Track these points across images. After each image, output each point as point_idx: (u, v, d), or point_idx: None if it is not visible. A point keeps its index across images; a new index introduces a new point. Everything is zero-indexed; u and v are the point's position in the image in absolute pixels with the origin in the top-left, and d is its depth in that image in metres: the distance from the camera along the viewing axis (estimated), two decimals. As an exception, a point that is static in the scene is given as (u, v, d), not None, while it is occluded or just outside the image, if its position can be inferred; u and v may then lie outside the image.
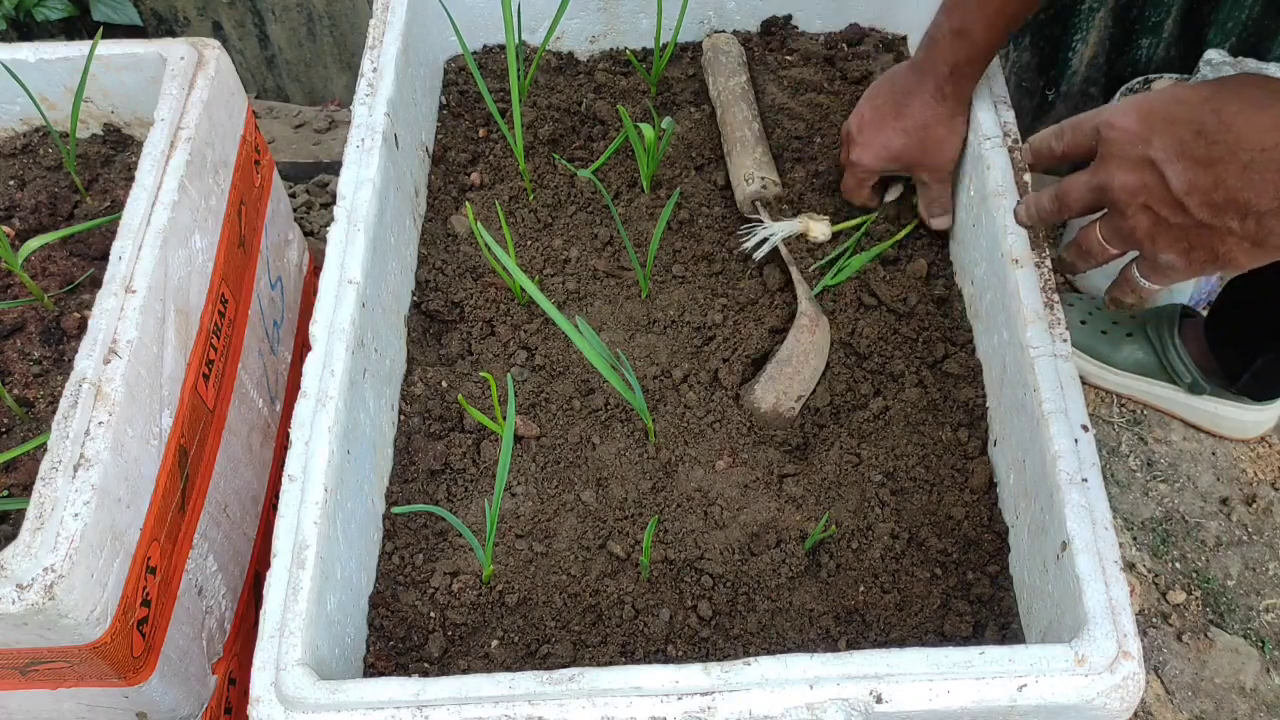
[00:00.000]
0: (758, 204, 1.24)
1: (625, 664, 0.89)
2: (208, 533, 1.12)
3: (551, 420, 1.11)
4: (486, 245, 1.01)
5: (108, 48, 1.25)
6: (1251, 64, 1.63)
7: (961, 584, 1.00)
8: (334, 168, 1.98)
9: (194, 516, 1.10)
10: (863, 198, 1.24)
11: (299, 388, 0.97)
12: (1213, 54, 1.65)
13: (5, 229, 1.25)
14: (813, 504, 1.05)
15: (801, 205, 1.26)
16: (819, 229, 1.21)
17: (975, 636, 0.97)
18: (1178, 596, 1.49)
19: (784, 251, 1.20)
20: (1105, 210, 0.78)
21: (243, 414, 1.24)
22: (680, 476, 1.07)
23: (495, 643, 0.97)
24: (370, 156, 1.13)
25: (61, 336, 1.16)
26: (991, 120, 1.14)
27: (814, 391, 1.13)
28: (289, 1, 2.00)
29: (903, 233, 1.23)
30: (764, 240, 1.20)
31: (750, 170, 1.25)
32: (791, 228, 1.20)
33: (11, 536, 0.96)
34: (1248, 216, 0.67)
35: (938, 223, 1.22)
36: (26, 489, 1.03)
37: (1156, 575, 1.51)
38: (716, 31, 1.46)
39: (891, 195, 1.26)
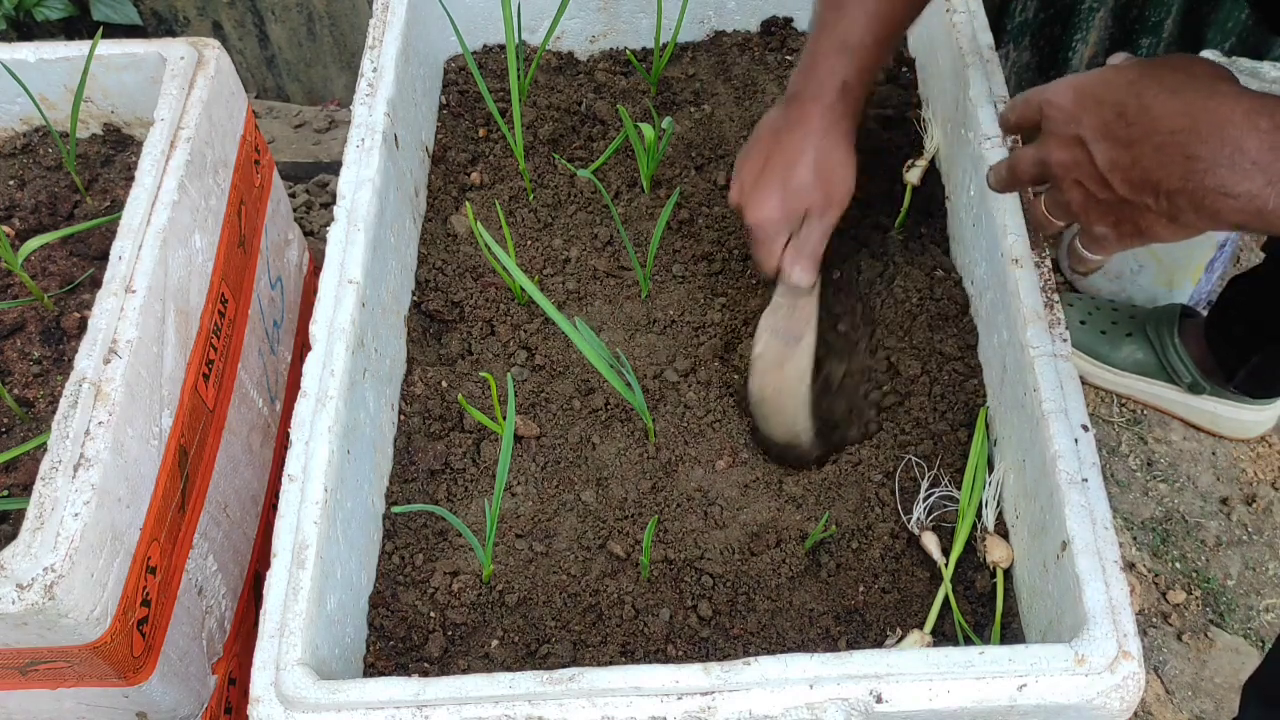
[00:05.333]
0: None
1: (625, 664, 0.89)
2: (208, 533, 1.12)
3: (551, 420, 1.11)
4: (486, 245, 1.01)
5: (108, 48, 1.25)
6: (1246, 64, 1.63)
7: (962, 583, 1.00)
8: (334, 168, 1.98)
9: (194, 516, 1.10)
10: (775, 261, 1.07)
11: (299, 388, 0.97)
12: (1209, 55, 1.65)
13: (5, 229, 1.25)
14: (813, 504, 1.05)
15: None
16: (999, 553, 1.00)
17: (975, 636, 0.97)
18: (1178, 596, 1.49)
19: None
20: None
21: (243, 414, 1.24)
22: (680, 476, 1.07)
23: (495, 643, 0.97)
24: (370, 156, 1.13)
25: (61, 336, 1.16)
26: (991, 120, 1.14)
27: (822, 405, 1.12)
28: (289, 1, 2.00)
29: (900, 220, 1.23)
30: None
31: None
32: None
33: (11, 536, 0.96)
34: (1160, 195, 0.71)
35: (796, 276, 1.07)
36: (26, 489, 1.03)
37: (1156, 575, 1.51)
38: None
39: (913, 178, 1.24)
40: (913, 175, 1.26)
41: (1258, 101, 0.68)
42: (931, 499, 1.02)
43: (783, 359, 1.11)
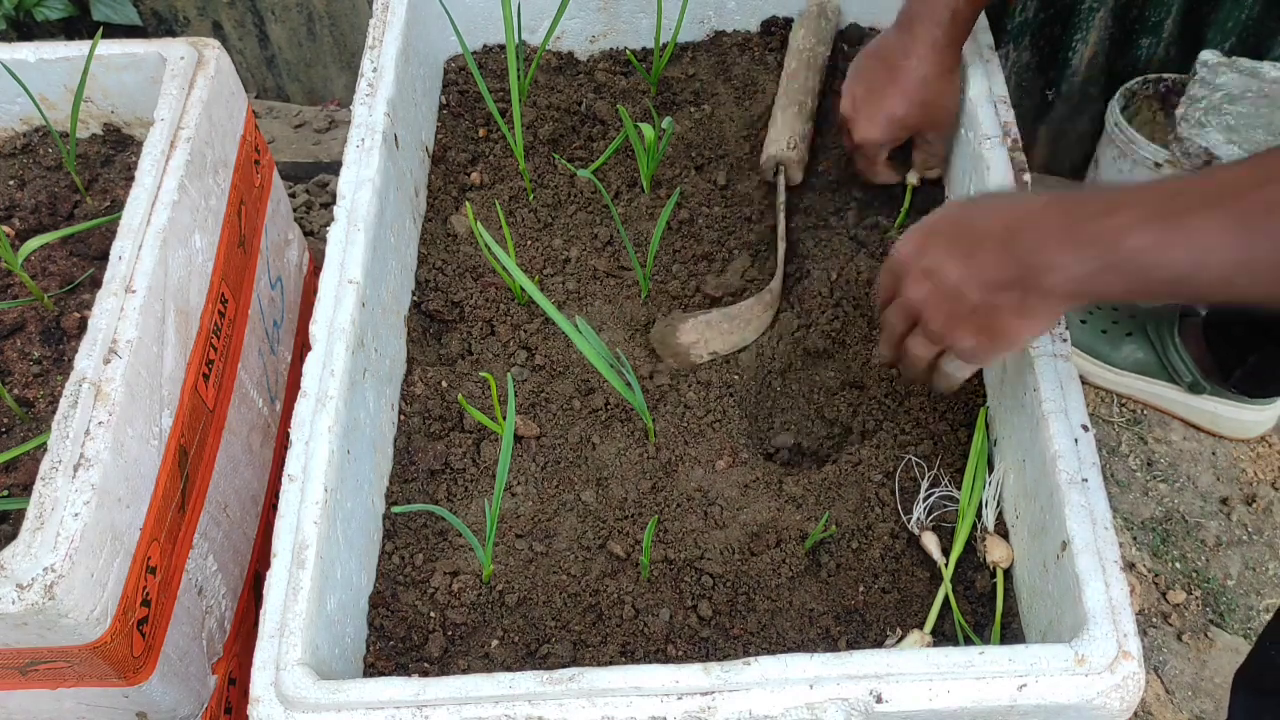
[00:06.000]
0: (781, 166, 1.27)
1: (625, 664, 0.89)
2: (208, 533, 1.12)
3: (551, 420, 1.11)
4: (486, 245, 1.01)
5: (108, 48, 1.25)
6: (1246, 64, 1.63)
7: (962, 583, 1.00)
8: (334, 168, 1.98)
9: (194, 516, 1.10)
10: (883, 175, 1.23)
11: (299, 388, 0.97)
12: (1207, 55, 1.65)
13: (5, 229, 1.25)
14: (813, 504, 1.05)
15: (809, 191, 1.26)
16: (999, 553, 1.00)
17: (975, 636, 0.97)
18: (1178, 596, 1.49)
19: (782, 226, 1.22)
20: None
21: (243, 414, 1.24)
22: (680, 476, 1.07)
23: (495, 643, 0.97)
24: (370, 156, 1.13)
25: (61, 336, 1.16)
26: (991, 120, 1.14)
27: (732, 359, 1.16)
28: (289, 1, 2.00)
29: (900, 216, 1.23)
30: None
31: (780, 132, 1.27)
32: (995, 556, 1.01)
33: (11, 536, 0.96)
34: (1004, 289, 0.82)
35: (933, 174, 1.24)
36: (26, 489, 1.03)
37: (1156, 575, 1.51)
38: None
39: (912, 178, 1.26)
40: (912, 176, 1.26)
41: (1054, 195, 0.81)
42: (931, 499, 1.02)
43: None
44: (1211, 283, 0.72)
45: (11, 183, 1.31)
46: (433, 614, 0.99)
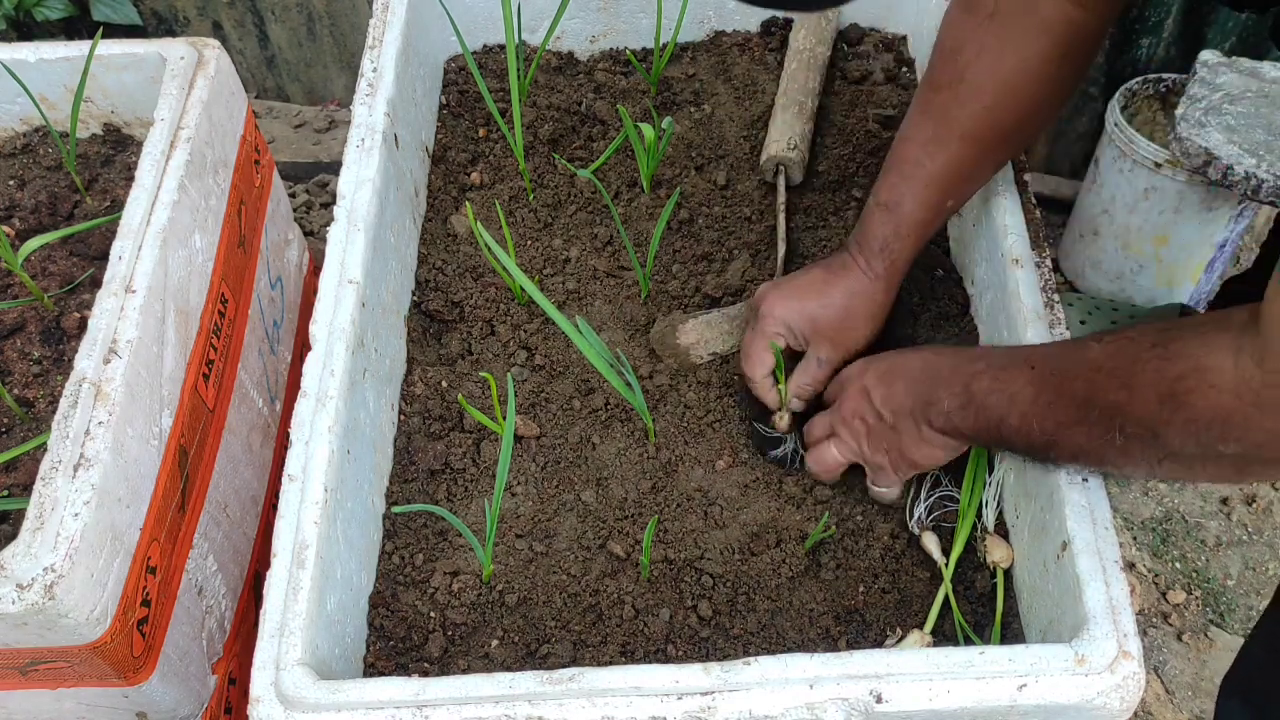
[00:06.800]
0: (781, 166, 1.27)
1: (625, 664, 0.89)
2: (208, 533, 1.12)
3: (551, 420, 1.11)
4: (486, 245, 1.01)
5: (108, 48, 1.25)
6: (1246, 64, 1.63)
7: (962, 583, 1.00)
8: (334, 168, 1.98)
9: (194, 516, 1.10)
10: (759, 365, 1.08)
11: (299, 388, 0.97)
12: (1207, 55, 1.65)
13: (5, 229, 1.25)
14: (812, 504, 1.05)
15: (801, 200, 1.26)
16: (999, 553, 1.00)
17: (975, 636, 0.97)
18: (1178, 596, 1.49)
19: (782, 226, 1.22)
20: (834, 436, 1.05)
21: (243, 414, 1.24)
22: (680, 476, 1.07)
23: (495, 643, 0.97)
24: (370, 156, 1.13)
25: (61, 336, 1.16)
26: (991, 120, 1.14)
27: (723, 359, 1.15)
28: (289, 1, 2.00)
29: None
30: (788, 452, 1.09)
31: (780, 132, 1.27)
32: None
33: (11, 536, 0.96)
34: (908, 416, 0.97)
35: (795, 403, 1.09)
36: (26, 489, 1.03)
37: (1156, 575, 1.52)
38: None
39: (780, 416, 1.10)
40: (781, 413, 1.13)
41: (953, 350, 1.01)
42: (932, 499, 1.02)
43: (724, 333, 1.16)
44: (1017, 426, 0.88)
45: (11, 183, 1.31)
46: (433, 614, 0.99)
